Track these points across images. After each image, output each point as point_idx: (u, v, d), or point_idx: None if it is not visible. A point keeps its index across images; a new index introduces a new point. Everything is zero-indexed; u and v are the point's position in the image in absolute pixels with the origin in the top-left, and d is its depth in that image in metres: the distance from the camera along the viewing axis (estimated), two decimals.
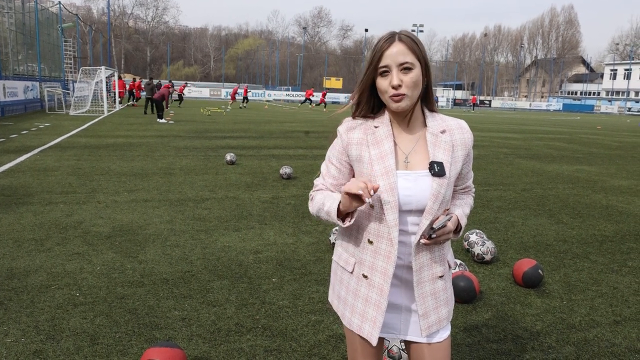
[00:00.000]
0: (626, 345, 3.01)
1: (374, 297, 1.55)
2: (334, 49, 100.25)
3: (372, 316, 1.56)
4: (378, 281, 1.54)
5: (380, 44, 1.45)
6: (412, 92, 1.45)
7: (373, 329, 1.56)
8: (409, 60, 1.43)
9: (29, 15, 23.77)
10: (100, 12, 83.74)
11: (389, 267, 1.52)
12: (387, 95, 1.46)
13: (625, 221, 6.07)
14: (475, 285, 3.46)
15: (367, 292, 1.57)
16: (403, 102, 1.46)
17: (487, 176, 8.99)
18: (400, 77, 1.43)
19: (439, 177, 1.48)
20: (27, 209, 5.53)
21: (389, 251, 1.51)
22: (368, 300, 1.57)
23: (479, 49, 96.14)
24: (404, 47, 1.44)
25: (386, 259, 1.52)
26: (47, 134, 13.02)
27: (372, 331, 1.56)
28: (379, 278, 1.54)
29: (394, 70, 1.43)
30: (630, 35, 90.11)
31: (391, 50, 1.43)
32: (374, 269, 1.55)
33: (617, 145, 16.57)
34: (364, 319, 1.58)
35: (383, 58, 1.44)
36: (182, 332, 2.94)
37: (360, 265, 1.59)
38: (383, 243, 1.53)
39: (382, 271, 1.53)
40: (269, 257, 4.29)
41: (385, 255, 1.52)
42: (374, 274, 1.55)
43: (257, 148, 11.88)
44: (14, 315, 3.05)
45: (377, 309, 1.55)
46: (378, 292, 1.55)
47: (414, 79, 1.44)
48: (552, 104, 67.28)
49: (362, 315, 1.58)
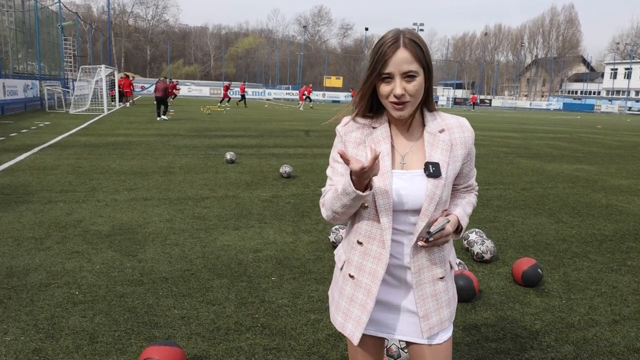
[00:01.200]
0: (625, 344, 3.01)
1: (360, 297, 1.55)
2: (334, 48, 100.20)
3: (356, 315, 1.55)
4: (366, 282, 1.53)
5: (384, 49, 1.41)
6: (414, 101, 1.44)
7: (356, 328, 1.55)
8: (413, 69, 1.40)
9: (29, 14, 23.74)
10: (100, 11, 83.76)
11: (379, 268, 1.51)
12: (389, 101, 1.44)
13: (625, 220, 6.07)
14: (475, 284, 3.46)
15: (353, 291, 1.57)
16: (405, 111, 1.44)
17: (487, 175, 8.99)
18: (404, 86, 1.41)
19: (434, 178, 1.46)
20: (26, 207, 5.53)
21: (379, 253, 1.50)
22: (353, 300, 1.56)
23: (479, 48, 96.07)
24: (409, 55, 1.40)
25: (376, 260, 1.51)
26: (47, 132, 13.02)
27: (355, 330, 1.55)
28: (366, 279, 1.53)
29: (397, 79, 1.41)
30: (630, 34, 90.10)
31: (396, 57, 1.39)
32: (362, 270, 1.54)
33: (617, 145, 16.56)
34: (347, 318, 1.58)
35: (387, 65, 1.40)
36: (182, 330, 2.94)
37: (348, 264, 1.59)
38: (374, 245, 1.51)
39: (371, 272, 1.52)
40: (269, 255, 4.29)
41: (375, 257, 1.51)
42: (362, 275, 1.54)
43: (257, 147, 11.88)
44: (14, 314, 3.05)
45: (362, 309, 1.54)
46: (365, 292, 1.54)
47: (417, 87, 1.42)
48: (552, 103, 67.21)
49: (345, 314, 1.59)
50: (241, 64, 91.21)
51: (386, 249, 1.49)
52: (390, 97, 1.43)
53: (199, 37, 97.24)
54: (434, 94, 1.59)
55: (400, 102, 1.42)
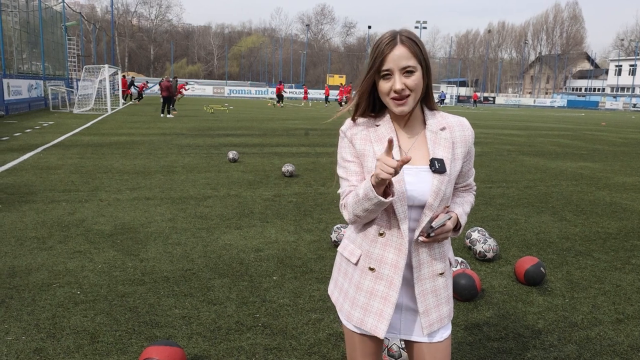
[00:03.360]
0: (628, 343, 2.99)
1: (381, 289, 1.54)
2: (337, 46, 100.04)
3: (378, 309, 1.54)
4: (388, 273, 1.53)
5: (382, 47, 1.44)
6: (414, 95, 1.46)
7: (379, 322, 1.54)
8: (411, 64, 1.43)
9: (33, 14, 23.82)
10: (104, 11, 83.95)
11: (400, 259, 1.51)
12: (389, 97, 1.47)
13: (630, 218, 6.03)
14: (477, 283, 3.44)
15: (373, 284, 1.55)
16: (406, 106, 1.46)
17: (490, 173, 8.96)
18: (403, 81, 1.44)
19: (440, 173, 1.48)
20: (29, 207, 5.54)
21: (399, 243, 1.51)
22: (373, 293, 1.55)
23: (482, 45, 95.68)
24: (406, 51, 1.43)
25: (397, 251, 1.51)
26: (51, 132, 13.06)
27: (378, 324, 1.54)
28: (388, 270, 1.53)
29: (396, 74, 1.44)
30: (635, 30, 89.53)
31: (393, 53, 1.43)
32: (383, 262, 1.53)
33: (621, 142, 16.47)
34: (366, 312, 1.56)
35: (385, 62, 1.44)
36: (183, 330, 2.94)
37: (367, 257, 1.57)
38: (394, 235, 1.52)
39: (393, 264, 1.52)
40: (270, 255, 4.28)
41: (396, 248, 1.51)
42: (383, 267, 1.53)
43: (259, 146, 11.88)
44: (15, 314, 3.06)
45: (384, 302, 1.53)
46: (387, 284, 1.53)
47: (416, 82, 1.44)
48: (556, 101, 66.91)
49: (365, 309, 1.57)
50: (244, 63, 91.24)
51: (405, 239, 1.50)
52: (390, 93, 1.46)
53: (202, 36, 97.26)
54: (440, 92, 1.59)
55: (401, 96, 1.45)
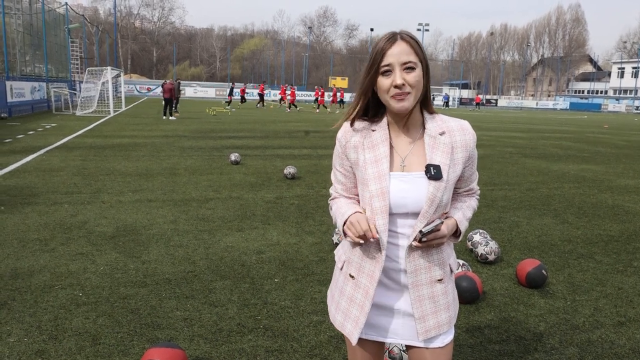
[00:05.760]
0: (630, 346, 2.98)
1: (359, 297, 1.56)
2: (340, 49, 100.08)
3: (355, 316, 1.57)
4: (364, 283, 1.55)
5: (382, 43, 1.44)
6: (414, 93, 1.44)
7: (354, 328, 1.57)
8: (412, 59, 1.42)
9: (36, 16, 23.92)
10: (107, 13, 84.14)
11: (376, 270, 1.52)
12: (390, 95, 1.44)
13: (632, 221, 6.02)
14: (478, 285, 3.44)
15: (353, 291, 1.58)
16: (406, 102, 1.44)
17: (492, 175, 8.95)
18: (403, 77, 1.42)
19: (436, 180, 1.46)
20: (32, 209, 5.56)
21: (376, 255, 1.51)
22: (352, 300, 1.58)
23: (485, 47, 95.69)
24: (407, 47, 1.43)
25: (374, 261, 1.52)
26: (54, 134, 13.10)
27: (353, 331, 1.57)
28: (365, 280, 1.54)
29: (396, 70, 1.42)
30: (638, 33, 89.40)
31: (394, 49, 1.42)
32: (361, 271, 1.55)
33: (624, 144, 16.44)
34: (346, 317, 1.59)
35: (385, 57, 1.43)
36: (184, 332, 2.94)
37: (349, 264, 1.60)
38: (371, 246, 1.52)
39: (369, 274, 1.53)
40: (272, 257, 4.29)
41: (372, 258, 1.52)
42: (361, 275, 1.55)
43: (261, 148, 11.89)
44: (17, 315, 3.07)
45: (360, 310, 1.56)
46: (363, 293, 1.55)
47: (416, 79, 1.43)
48: (559, 103, 66.85)
49: (345, 314, 1.60)
50: (247, 65, 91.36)
51: (382, 251, 1.50)
52: (390, 90, 1.44)
53: (204, 38, 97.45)
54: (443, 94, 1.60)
55: (402, 92, 1.42)
